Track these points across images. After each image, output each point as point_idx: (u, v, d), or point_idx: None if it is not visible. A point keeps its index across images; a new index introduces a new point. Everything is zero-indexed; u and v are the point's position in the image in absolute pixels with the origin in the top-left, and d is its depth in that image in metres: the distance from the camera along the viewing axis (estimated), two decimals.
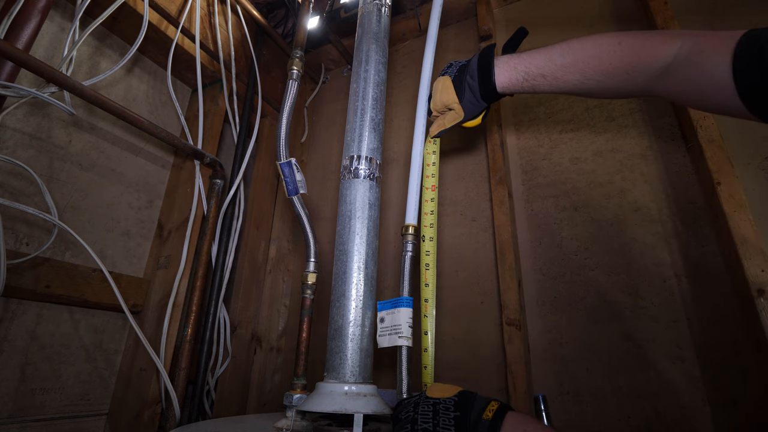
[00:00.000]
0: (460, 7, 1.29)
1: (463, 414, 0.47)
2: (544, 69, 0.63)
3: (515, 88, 0.67)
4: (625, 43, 0.55)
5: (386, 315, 0.63)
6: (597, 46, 0.58)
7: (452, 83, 0.72)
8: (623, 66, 0.55)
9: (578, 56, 0.60)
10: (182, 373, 0.92)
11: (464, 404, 0.48)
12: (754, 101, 0.43)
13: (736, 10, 0.90)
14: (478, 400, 0.49)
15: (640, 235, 0.87)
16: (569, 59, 0.60)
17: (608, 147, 0.96)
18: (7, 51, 0.65)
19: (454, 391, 0.51)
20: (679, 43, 0.50)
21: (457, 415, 0.47)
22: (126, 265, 1.00)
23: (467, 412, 0.48)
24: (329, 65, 1.57)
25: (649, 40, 0.54)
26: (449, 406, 0.49)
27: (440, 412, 0.48)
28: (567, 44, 0.62)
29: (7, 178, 0.78)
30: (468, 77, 0.70)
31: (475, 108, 0.71)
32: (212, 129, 1.13)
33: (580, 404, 0.81)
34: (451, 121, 0.74)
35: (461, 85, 0.71)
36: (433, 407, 0.49)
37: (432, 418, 0.48)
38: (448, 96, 0.72)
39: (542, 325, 0.90)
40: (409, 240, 0.67)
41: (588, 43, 0.59)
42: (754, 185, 0.77)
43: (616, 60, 0.56)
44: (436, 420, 0.48)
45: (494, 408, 0.47)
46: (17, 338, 0.78)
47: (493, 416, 0.46)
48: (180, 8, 1.07)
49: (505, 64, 0.67)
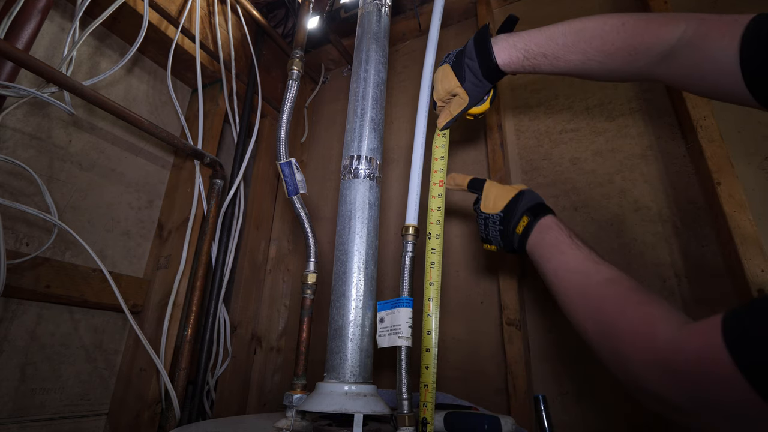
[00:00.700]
0: (460, 7, 1.29)
1: (505, 228, 0.62)
2: (545, 48, 0.61)
3: (516, 67, 0.65)
4: (629, 24, 0.54)
5: (386, 315, 0.63)
6: (600, 26, 0.57)
7: (452, 69, 0.71)
8: (626, 47, 0.54)
9: (580, 36, 0.58)
10: (182, 373, 0.92)
11: (506, 220, 0.62)
12: (759, 88, 0.43)
13: (735, 9, 0.90)
14: (515, 214, 0.61)
15: (640, 235, 0.87)
16: (571, 39, 0.59)
17: (608, 147, 0.96)
18: (7, 51, 0.65)
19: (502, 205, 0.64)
20: (683, 26, 0.49)
21: (501, 229, 0.63)
22: (126, 265, 1.00)
23: (507, 226, 0.62)
24: (329, 65, 1.57)
25: (653, 22, 0.52)
26: (496, 221, 0.64)
27: (489, 225, 0.65)
28: (569, 23, 0.60)
29: (7, 178, 0.78)
30: (467, 59, 0.69)
31: (479, 90, 0.70)
32: (212, 129, 1.13)
33: (580, 404, 0.81)
34: (457, 107, 0.72)
35: (461, 69, 0.70)
36: (485, 221, 0.66)
37: (485, 229, 0.66)
38: (449, 82, 0.70)
39: (542, 325, 0.90)
40: (409, 240, 0.67)
41: (591, 23, 0.58)
42: (754, 185, 0.77)
43: (618, 41, 0.54)
44: (487, 230, 0.66)
45: (524, 223, 0.60)
46: (17, 338, 0.78)
47: (522, 231, 0.59)
48: (180, 8, 1.07)
49: (504, 42, 0.66)
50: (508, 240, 0.63)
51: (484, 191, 0.68)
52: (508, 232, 0.62)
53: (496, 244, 0.66)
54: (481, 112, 0.73)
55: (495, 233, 0.64)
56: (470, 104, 0.71)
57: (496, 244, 0.66)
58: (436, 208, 0.69)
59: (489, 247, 0.68)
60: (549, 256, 0.55)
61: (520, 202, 0.62)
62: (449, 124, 0.75)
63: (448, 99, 0.73)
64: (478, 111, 0.73)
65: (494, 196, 0.66)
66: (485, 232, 0.67)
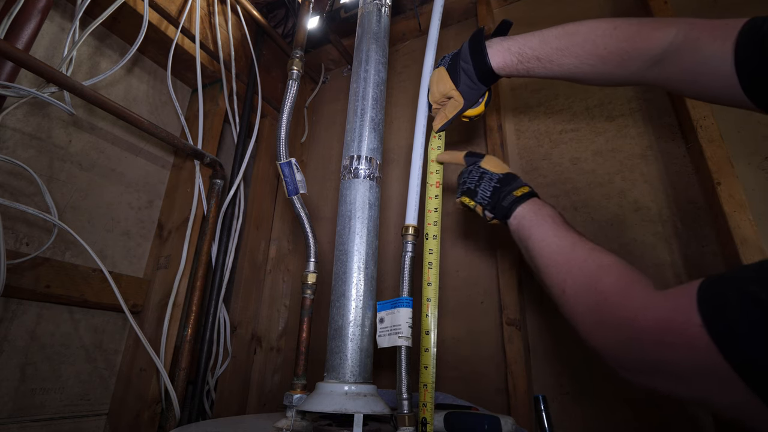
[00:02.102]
0: (461, 7, 1.29)
1: (501, 186, 0.61)
2: (539, 51, 0.62)
3: (510, 70, 0.66)
4: (621, 29, 0.55)
5: (386, 315, 0.63)
6: (592, 30, 0.58)
7: (447, 71, 0.71)
8: (617, 51, 0.55)
9: (573, 39, 0.59)
10: (182, 373, 0.92)
11: (505, 180, 0.61)
12: (756, 91, 0.43)
13: (735, 9, 0.90)
14: (517, 182, 0.61)
15: (640, 235, 0.87)
16: (564, 42, 0.60)
17: (608, 147, 0.96)
18: (7, 51, 0.65)
19: (503, 170, 0.63)
20: (674, 30, 0.50)
21: (496, 186, 0.61)
22: (126, 265, 1.00)
23: (505, 186, 0.61)
24: (329, 65, 1.57)
25: (645, 26, 0.53)
26: (493, 178, 0.62)
27: (484, 179, 0.63)
28: (562, 27, 0.61)
29: (7, 178, 0.78)
30: (461, 62, 0.69)
31: (473, 92, 0.70)
32: (212, 129, 1.13)
33: (580, 404, 0.81)
34: (452, 110, 0.72)
35: (456, 72, 0.70)
36: (480, 175, 0.64)
37: (477, 181, 0.63)
38: (444, 84, 0.71)
39: (542, 325, 0.90)
40: (409, 240, 0.67)
41: (583, 27, 0.59)
42: (754, 185, 0.77)
43: (611, 45, 0.55)
44: (479, 183, 0.63)
45: (525, 191, 0.59)
46: (17, 338, 0.78)
47: (520, 196, 0.59)
48: (180, 8, 1.07)
49: (499, 45, 0.66)
50: (497, 198, 0.61)
51: (486, 158, 0.67)
52: (502, 192, 0.61)
53: (480, 198, 0.63)
54: (476, 114, 0.74)
55: (487, 187, 0.63)
56: (465, 107, 0.72)
57: (480, 198, 0.63)
58: (434, 209, 0.70)
59: (466, 201, 0.65)
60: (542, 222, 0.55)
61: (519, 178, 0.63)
62: (445, 127, 0.75)
63: (443, 101, 0.74)
64: (474, 113, 0.74)
65: (496, 164, 0.65)
66: (476, 183, 0.64)
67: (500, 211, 0.60)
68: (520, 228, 0.57)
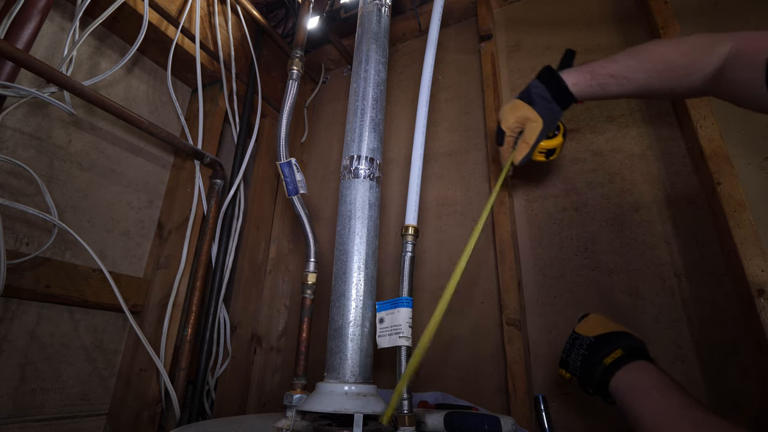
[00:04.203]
0: (460, 7, 1.29)
1: (591, 354, 0.56)
2: (611, 69, 0.66)
3: (584, 87, 0.68)
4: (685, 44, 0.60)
5: (386, 315, 0.63)
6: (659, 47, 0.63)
7: (519, 99, 0.73)
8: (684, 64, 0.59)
9: (643, 56, 0.63)
10: (182, 373, 0.92)
11: (597, 345, 0.56)
12: None
13: (737, 10, 0.90)
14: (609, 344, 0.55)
15: (640, 235, 0.87)
16: (635, 60, 0.64)
17: (608, 147, 0.96)
18: (7, 51, 0.65)
19: (598, 331, 0.58)
20: (729, 45, 0.53)
21: (585, 354, 0.57)
22: (126, 265, 1.00)
23: (594, 353, 0.56)
24: (329, 65, 1.57)
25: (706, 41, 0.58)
26: (584, 344, 0.58)
27: (575, 346, 0.59)
28: (629, 49, 0.66)
29: (7, 178, 0.78)
30: (533, 89, 0.71)
31: (551, 112, 0.71)
32: (212, 129, 1.13)
33: (581, 404, 0.81)
34: (532, 134, 0.71)
35: (529, 95, 0.72)
36: (572, 341, 0.60)
37: (569, 349, 0.60)
38: (519, 108, 0.72)
39: (542, 325, 0.90)
40: (408, 240, 0.67)
41: (650, 45, 0.64)
42: (754, 185, 0.77)
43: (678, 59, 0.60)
44: (570, 351, 0.60)
45: (617, 356, 0.53)
46: (17, 338, 0.78)
47: (611, 363, 0.53)
48: (180, 8, 1.07)
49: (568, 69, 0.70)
50: (587, 368, 0.56)
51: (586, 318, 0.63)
52: (592, 361, 0.55)
53: (573, 370, 0.59)
54: (554, 146, 0.72)
55: (576, 357, 0.58)
56: (545, 128, 0.70)
57: (573, 370, 0.59)
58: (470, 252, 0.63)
59: (563, 373, 0.61)
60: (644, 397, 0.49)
61: (619, 338, 0.57)
62: (528, 156, 0.73)
63: (517, 127, 0.73)
64: (552, 145, 0.71)
65: (593, 324, 0.61)
66: (567, 352, 0.61)
67: (593, 385, 0.55)
68: (620, 405, 0.51)
